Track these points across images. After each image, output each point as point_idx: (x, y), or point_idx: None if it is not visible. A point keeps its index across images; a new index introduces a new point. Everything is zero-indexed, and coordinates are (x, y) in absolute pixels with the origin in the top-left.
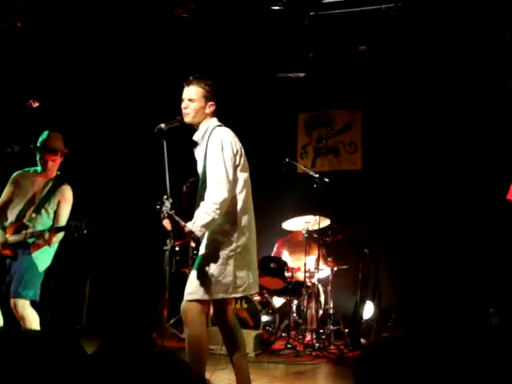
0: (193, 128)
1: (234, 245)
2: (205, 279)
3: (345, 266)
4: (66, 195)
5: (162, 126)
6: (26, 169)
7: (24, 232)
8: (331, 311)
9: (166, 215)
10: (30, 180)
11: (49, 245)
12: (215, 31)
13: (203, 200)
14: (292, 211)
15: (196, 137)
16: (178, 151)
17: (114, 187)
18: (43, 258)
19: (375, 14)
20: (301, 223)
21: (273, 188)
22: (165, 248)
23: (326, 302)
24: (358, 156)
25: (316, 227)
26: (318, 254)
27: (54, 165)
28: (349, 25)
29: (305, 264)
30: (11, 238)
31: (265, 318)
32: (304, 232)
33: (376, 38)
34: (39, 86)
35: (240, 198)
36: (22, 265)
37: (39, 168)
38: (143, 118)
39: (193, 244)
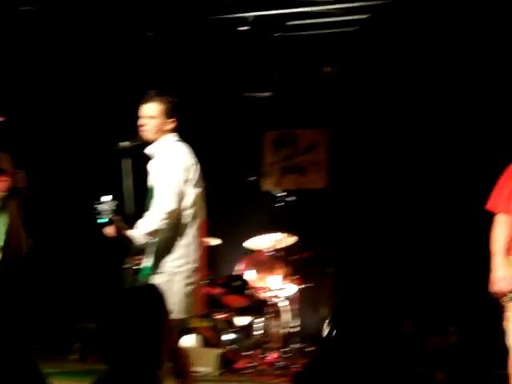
0: None
1: (179, 262)
2: None
3: (311, 284)
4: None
5: (126, 143)
6: None
7: None
8: (296, 329)
9: (109, 221)
10: None
11: None
12: (182, 51)
13: None
14: (257, 230)
15: (148, 150)
16: (143, 168)
17: (74, 206)
18: None
19: (339, 36)
20: (266, 242)
21: (238, 207)
22: (124, 267)
23: (291, 320)
24: (323, 174)
25: (281, 245)
26: (284, 272)
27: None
28: (313, 46)
29: (268, 282)
30: None
31: (228, 337)
32: (267, 251)
33: (340, 59)
34: None
35: (188, 213)
36: None
37: None
38: (107, 136)
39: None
